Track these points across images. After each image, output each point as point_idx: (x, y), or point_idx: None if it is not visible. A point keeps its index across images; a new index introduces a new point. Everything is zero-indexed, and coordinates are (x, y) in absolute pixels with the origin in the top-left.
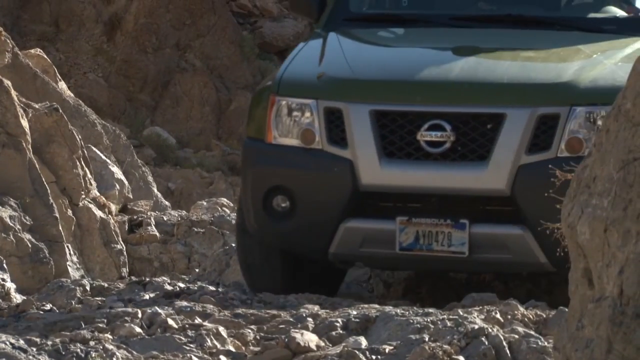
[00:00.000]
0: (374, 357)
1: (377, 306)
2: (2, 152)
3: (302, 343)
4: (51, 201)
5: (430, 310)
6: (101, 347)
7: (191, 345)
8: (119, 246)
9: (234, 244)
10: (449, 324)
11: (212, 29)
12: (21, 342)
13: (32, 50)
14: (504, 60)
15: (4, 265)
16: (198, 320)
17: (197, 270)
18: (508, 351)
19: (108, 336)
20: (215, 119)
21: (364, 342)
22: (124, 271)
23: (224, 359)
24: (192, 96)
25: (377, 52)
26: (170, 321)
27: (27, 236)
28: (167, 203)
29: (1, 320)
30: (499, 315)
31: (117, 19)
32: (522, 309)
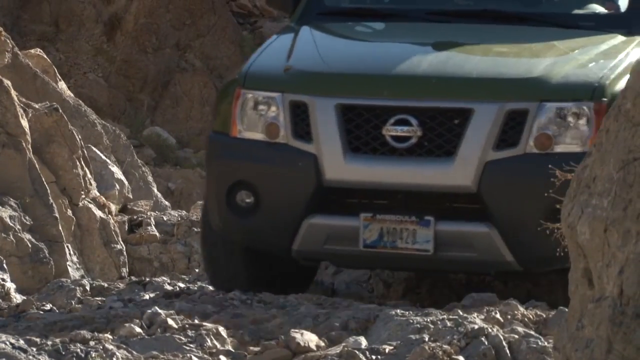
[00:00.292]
0: (374, 357)
1: (377, 306)
2: (2, 152)
3: (302, 343)
4: (51, 201)
5: (430, 310)
6: (101, 347)
7: (191, 345)
8: (119, 246)
9: None
10: (449, 324)
11: (212, 29)
12: (21, 342)
13: (32, 50)
14: (475, 55)
15: (4, 265)
16: (198, 320)
17: (197, 270)
18: (508, 351)
19: (108, 336)
20: None
21: (364, 342)
22: (124, 271)
23: (224, 359)
24: (192, 96)
25: (346, 46)
26: (170, 321)
27: (27, 236)
28: (167, 203)
29: (1, 320)
30: (499, 315)
31: (117, 19)
32: (522, 309)
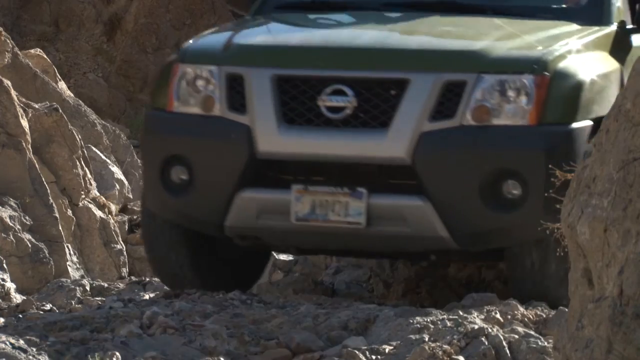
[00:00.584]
0: (374, 357)
1: (377, 306)
2: (2, 152)
3: (302, 343)
4: (51, 201)
5: (430, 310)
6: (101, 347)
7: (191, 345)
8: (119, 246)
9: None
10: (449, 324)
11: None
12: (21, 342)
13: (32, 50)
14: (417, 31)
15: (4, 265)
16: (198, 320)
17: None
18: (508, 351)
19: (108, 336)
20: None
21: (364, 342)
22: (124, 271)
23: (223, 359)
24: None
25: (289, 25)
26: (170, 321)
27: (27, 236)
28: None
29: (1, 320)
30: (499, 315)
31: (117, 19)
32: (522, 309)
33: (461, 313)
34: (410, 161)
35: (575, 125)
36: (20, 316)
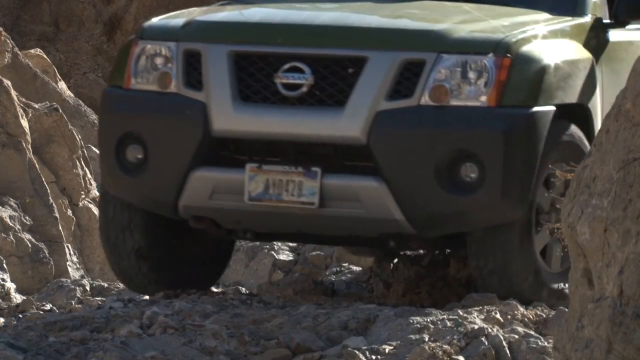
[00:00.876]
0: (374, 357)
1: (377, 306)
2: (2, 152)
3: (302, 343)
4: (51, 201)
5: (430, 310)
6: (101, 347)
7: (191, 345)
8: None
9: None
10: (449, 324)
11: None
12: (21, 342)
13: (32, 50)
14: (379, 11)
15: (4, 265)
16: (198, 320)
17: None
18: (508, 351)
19: (108, 336)
20: None
21: (364, 342)
22: None
23: (223, 359)
24: None
25: (252, 5)
26: (170, 321)
27: (27, 236)
28: None
29: (1, 320)
30: (499, 315)
31: (117, 19)
32: (522, 309)
33: (461, 313)
34: (365, 141)
35: (536, 109)
36: (20, 316)
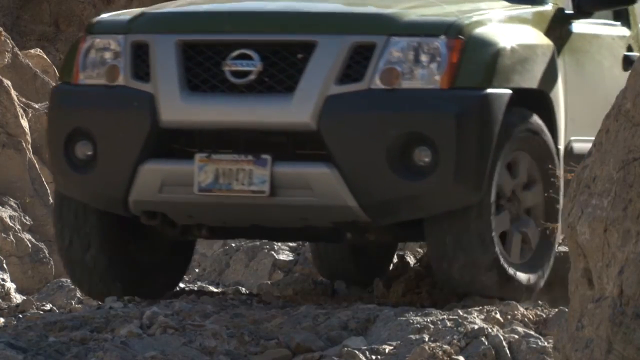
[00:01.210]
0: (374, 357)
1: (377, 306)
2: (2, 152)
3: (302, 343)
4: (51, 201)
5: (430, 310)
6: (101, 347)
7: (191, 345)
8: None
9: (234, 244)
10: (449, 324)
11: None
12: (21, 342)
13: (32, 50)
14: None
15: (4, 265)
16: (198, 320)
17: (197, 270)
18: (508, 351)
19: (108, 336)
20: None
21: (364, 342)
22: None
23: (223, 359)
24: None
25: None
26: (170, 321)
27: (27, 236)
28: None
29: (1, 320)
30: (499, 315)
31: None
32: (522, 309)
33: (461, 313)
34: (315, 126)
35: (490, 91)
36: (20, 316)
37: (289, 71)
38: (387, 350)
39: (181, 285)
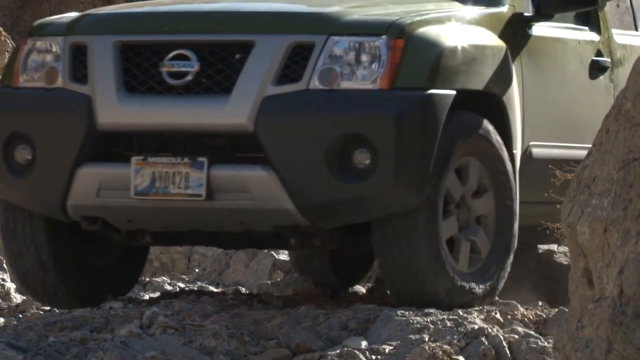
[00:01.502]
0: (374, 357)
1: (377, 306)
2: None
3: (302, 343)
4: None
5: (430, 310)
6: (101, 347)
7: (191, 345)
8: None
9: None
10: (449, 324)
11: None
12: (21, 342)
13: None
14: None
15: (4, 265)
16: (198, 320)
17: (197, 270)
18: (508, 351)
19: (108, 336)
20: None
21: (364, 342)
22: None
23: (223, 359)
24: None
25: (145, 2)
26: (170, 321)
27: None
28: None
29: (1, 320)
30: (499, 315)
31: None
32: (522, 309)
33: (461, 313)
34: (252, 128)
35: (432, 91)
36: (20, 316)
37: (227, 72)
38: (387, 350)
39: (181, 285)
